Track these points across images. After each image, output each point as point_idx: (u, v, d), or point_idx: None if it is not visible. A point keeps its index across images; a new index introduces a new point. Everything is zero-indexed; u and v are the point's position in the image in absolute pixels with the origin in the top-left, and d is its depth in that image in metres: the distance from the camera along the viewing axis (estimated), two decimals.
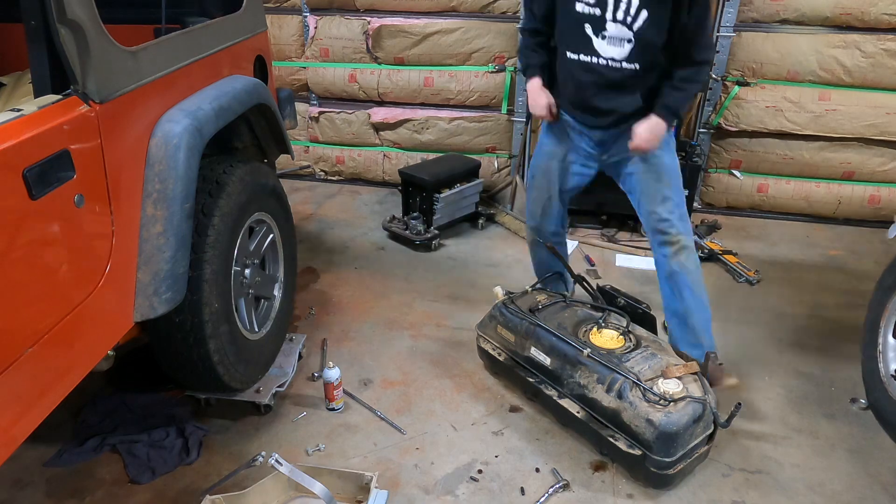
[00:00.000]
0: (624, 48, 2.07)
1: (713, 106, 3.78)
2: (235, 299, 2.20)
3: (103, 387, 2.46)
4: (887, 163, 3.69)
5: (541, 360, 2.26)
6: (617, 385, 2.04)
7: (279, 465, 1.85)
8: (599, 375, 2.09)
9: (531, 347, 2.29)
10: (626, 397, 2.00)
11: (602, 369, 2.10)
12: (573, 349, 2.18)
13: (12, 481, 2.09)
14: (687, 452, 1.97)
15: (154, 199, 1.80)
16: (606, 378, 2.07)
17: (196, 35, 2.08)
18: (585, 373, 2.13)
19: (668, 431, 1.91)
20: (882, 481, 2.12)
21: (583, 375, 2.13)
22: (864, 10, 3.40)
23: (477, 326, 2.56)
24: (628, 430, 1.99)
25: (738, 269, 3.34)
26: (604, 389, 2.06)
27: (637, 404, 1.98)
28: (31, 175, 1.36)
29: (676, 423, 1.92)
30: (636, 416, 1.97)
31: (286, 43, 4.19)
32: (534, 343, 2.29)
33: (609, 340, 2.21)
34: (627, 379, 2.03)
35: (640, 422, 1.95)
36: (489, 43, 3.91)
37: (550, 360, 2.23)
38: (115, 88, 1.64)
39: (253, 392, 2.34)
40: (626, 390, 2.01)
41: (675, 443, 1.92)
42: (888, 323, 2.36)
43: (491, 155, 4.21)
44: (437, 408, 2.43)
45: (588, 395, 2.10)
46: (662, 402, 1.95)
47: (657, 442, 1.92)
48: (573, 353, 2.18)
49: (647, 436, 1.94)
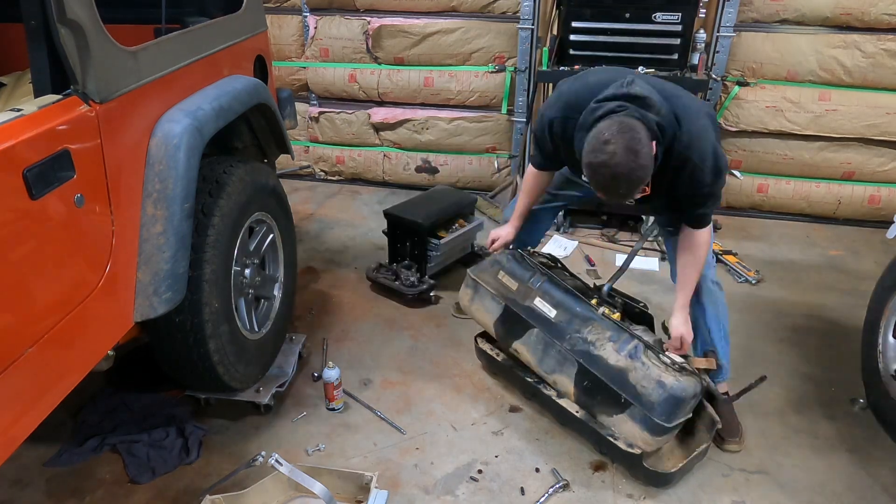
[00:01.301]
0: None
1: (713, 106, 3.78)
2: (235, 299, 2.20)
3: (103, 387, 2.46)
4: (887, 163, 3.69)
5: (544, 311, 2.25)
6: (630, 345, 2.06)
7: (279, 465, 1.85)
8: (612, 334, 2.11)
9: (536, 298, 2.29)
10: (638, 357, 2.02)
11: (615, 328, 2.12)
12: (585, 305, 2.21)
13: (12, 481, 2.09)
14: (679, 424, 2.00)
15: (154, 198, 1.80)
16: (619, 337, 2.09)
17: (196, 35, 2.08)
18: (597, 329, 2.14)
19: (677, 395, 1.93)
20: (882, 481, 2.12)
21: (593, 332, 2.14)
22: (864, 11, 3.39)
23: (471, 270, 2.52)
24: (633, 390, 2.00)
25: (738, 269, 3.34)
26: (614, 348, 2.08)
27: (650, 366, 2.00)
28: (31, 175, 1.36)
29: (685, 389, 1.95)
30: (647, 376, 1.98)
31: (286, 43, 4.19)
32: (541, 294, 2.29)
33: (609, 313, 2.23)
34: (641, 341, 2.06)
35: (650, 382, 1.97)
36: (489, 43, 3.91)
37: (557, 312, 2.23)
38: (116, 88, 1.64)
39: (253, 392, 2.34)
40: (640, 351, 2.04)
41: (678, 409, 1.95)
42: (888, 323, 2.36)
43: (491, 155, 4.21)
44: (437, 408, 2.43)
45: (594, 351, 2.10)
46: (676, 368, 1.98)
47: (663, 403, 1.94)
48: (584, 310, 2.20)
49: (653, 397, 1.95)
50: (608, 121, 1.76)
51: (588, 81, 2.00)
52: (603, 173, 1.74)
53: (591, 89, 1.93)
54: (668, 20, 3.32)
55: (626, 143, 1.70)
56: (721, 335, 2.26)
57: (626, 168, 1.70)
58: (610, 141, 1.71)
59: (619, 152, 1.70)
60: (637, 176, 1.73)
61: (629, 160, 1.70)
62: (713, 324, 2.25)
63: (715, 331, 2.25)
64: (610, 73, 2.01)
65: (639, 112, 1.77)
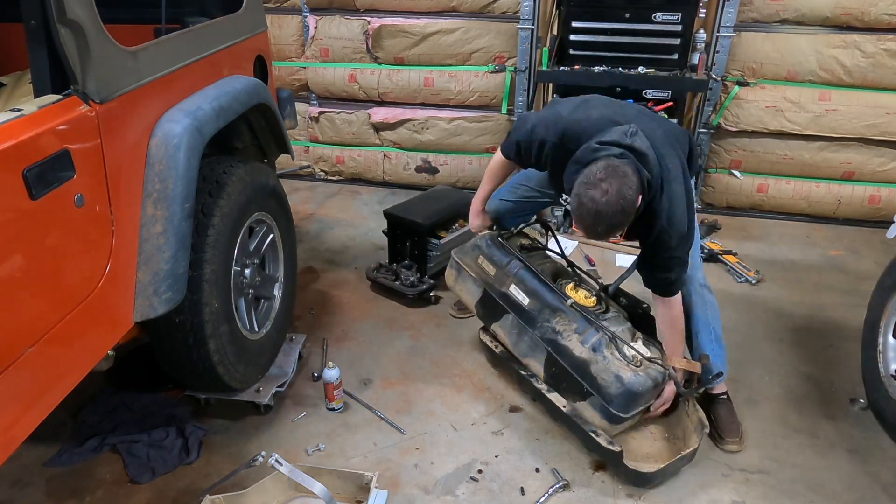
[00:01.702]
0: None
1: (713, 106, 3.78)
2: (235, 299, 2.20)
3: (103, 387, 2.46)
4: (887, 163, 3.69)
5: (518, 299, 2.31)
6: (594, 338, 2.11)
7: (279, 465, 1.85)
8: (578, 326, 2.16)
9: (512, 285, 2.34)
10: (600, 351, 2.08)
11: (581, 321, 2.17)
12: (556, 296, 2.25)
13: (12, 481, 2.09)
14: (638, 413, 2.09)
15: (154, 198, 1.80)
16: (585, 330, 2.14)
17: (196, 35, 2.08)
18: (564, 320, 2.19)
19: (633, 391, 2.00)
20: (882, 481, 2.12)
21: (561, 322, 2.19)
22: (864, 10, 3.39)
23: (454, 252, 2.58)
24: (594, 382, 2.06)
25: (738, 269, 3.34)
26: (579, 340, 2.13)
27: (610, 360, 2.05)
28: (31, 175, 1.36)
29: (642, 384, 2.00)
30: (605, 370, 2.04)
31: (286, 43, 4.18)
32: (515, 281, 2.33)
33: (583, 298, 2.26)
34: (605, 335, 2.10)
35: (609, 376, 2.03)
36: (489, 43, 3.91)
37: (529, 301, 2.28)
38: (116, 88, 1.64)
39: (253, 392, 2.34)
40: (602, 345, 2.09)
41: (634, 402, 2.02)
42: (888, 323, 2.36)
43: (491, 155, 4.20)
44: (437, 408, 2.43)
45: (560, 341, 2.16)
46: (635, 364, 2.04)
47: (619, 397, 2.00)
48: (555, 300, 2.24)
49: (611, 390, 2.01)
50: (607, 161, 1.82)
51: (590, 115, 2.03)
52: (589, 208, 1.79)
53: (593, 124, 1.98)
54: (668, 20, 3.32)
55: (619, 188, 1.77)
56: (711, 338, 2.27)
57: (612, 210, 1.78)
58: (605, 180, 1.78)
59: (611, 193, 1.77)
60: (618, 220, 1.82)
61: (617, 203, 1.77)
62: (702, 327, 2.26)
63: (704, 335, 2.26)
64: (612, 109, 2.06)
65: (636, 164, 1.83)
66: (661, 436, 2.25)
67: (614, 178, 1.77)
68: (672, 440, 2.22)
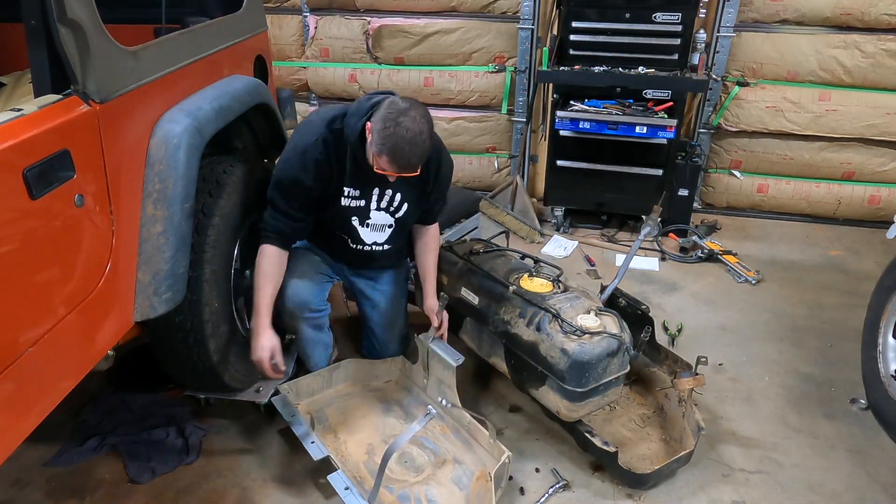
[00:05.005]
0: (385, 233, 2.24)
1: (713, 106, 3.79)
2: (235, 299, 2.20)
3: (103, 387, 2.46)
4: (887, 163, 3.69)
5: (469, 300, 2.32)
6: (537, 319, 2.10)
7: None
8: (521, 310, 2.16)
9: (462, 288, 2.35)
10: (543, 329, 2.06)
11: (524, 305, 2.16)
12: (499, 287, 2.26)
13: (12, 481, 2.09)
14: (602, 386, 2.02)
15: (154, 198, 1.80)
16: (528, 313, 2.13)
17: (196, 35, 2.08)
18: (509, 308, 2.19)
19: (580, 361, 1.95)
20: (882, 481, 2.12)
21: (507, 311, 2.19)
22: (864, 11, 3.40)
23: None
24: (545, 362, 2.03)
25: (738, 270, 3.34)
26: (524, 323, 2.12)
27: (553, 336, 2.02)
28: (31, 175, 1.36)
29: (589, 353, 1.96)
30: (552, 346, 2.01)
31: (286, 43, 4.19)
32: (464, 284, 2.35)
33: (538, 286, 2.25)
34: (548, 313, 2.09)
35: (556, 352, 1.99)
36: (489, 43, 3.91)
37: (479, 299, 2.30)
38: (116, 88, 1.64)
39: (253, 392, 2.33)
40: (545, 323, 2.07)
41: (587, 373, 1.96)
42: (888, 323, 2.36)
43: (491, 155, 4.21)
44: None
45: (510, 330, 2.16)
46: (577, 334, 1.99)
47: (569, 371, 1.96)
48: (499, 291, 2.25)
49: (560, 365, 1.98)
50: (393, 98, 1.89)
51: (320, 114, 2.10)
52: (405, 136, 1.82)
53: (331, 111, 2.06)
54: (668, 20, 3.33)
55: (424, 112, 1.86)
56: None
57: (426, 134, 1.85)
58: (410, 108, 1.84)
59: (419, 119, 1.84)
60: (429, 144, 1.88)
61: (428, 127, 1.86)
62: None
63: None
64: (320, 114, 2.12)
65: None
66: (659, 437, 2.25)
67: (417, 106, 1.85)
68: (669, 442, 2.21)
